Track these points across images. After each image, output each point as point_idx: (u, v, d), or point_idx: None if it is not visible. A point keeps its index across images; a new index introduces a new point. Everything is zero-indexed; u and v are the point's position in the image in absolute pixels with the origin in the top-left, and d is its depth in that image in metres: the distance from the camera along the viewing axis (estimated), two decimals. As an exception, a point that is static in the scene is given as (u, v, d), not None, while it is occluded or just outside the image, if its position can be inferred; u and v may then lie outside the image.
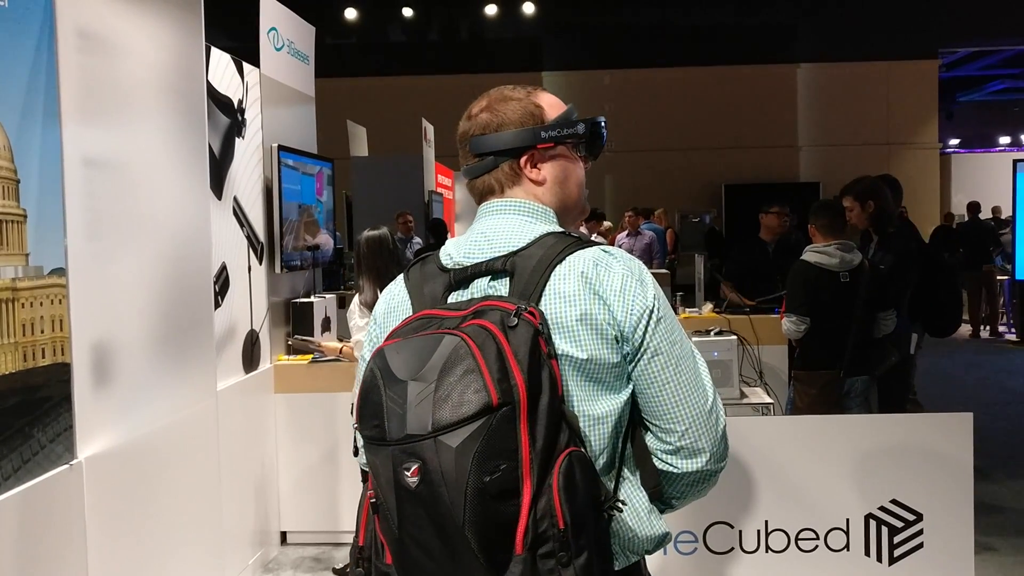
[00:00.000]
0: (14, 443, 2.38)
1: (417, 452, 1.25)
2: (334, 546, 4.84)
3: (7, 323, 2.38)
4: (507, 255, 1.48)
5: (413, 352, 1.32)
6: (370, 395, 1.32)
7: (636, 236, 11.37)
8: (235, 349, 4.34)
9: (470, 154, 1.59)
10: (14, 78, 2.42)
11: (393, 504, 1.28)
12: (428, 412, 1.25)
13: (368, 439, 1.32)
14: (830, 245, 4.32)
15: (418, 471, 1.24)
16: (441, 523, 1.25)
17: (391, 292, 1.61)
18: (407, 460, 1.25)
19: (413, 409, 1.26)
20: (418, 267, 1.58)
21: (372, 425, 1.30)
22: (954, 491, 3.26)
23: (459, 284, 1.50)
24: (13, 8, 2.41)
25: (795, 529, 3.30)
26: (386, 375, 1.31)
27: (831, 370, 4.34)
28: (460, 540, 1.25)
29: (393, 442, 1.27)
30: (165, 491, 3.19)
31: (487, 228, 1.54)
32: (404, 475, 1.25)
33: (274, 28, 4.88)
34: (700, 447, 1.46)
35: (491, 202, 1.58)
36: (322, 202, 5.43)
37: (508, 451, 1.26)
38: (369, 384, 1.32)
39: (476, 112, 1.58)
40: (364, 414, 1.32)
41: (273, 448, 4.79)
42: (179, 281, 3.33)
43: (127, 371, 2.94)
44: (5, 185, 2.38)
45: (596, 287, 1.43)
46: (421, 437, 1.25)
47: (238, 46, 4.80)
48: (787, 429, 3.42)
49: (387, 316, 1.58)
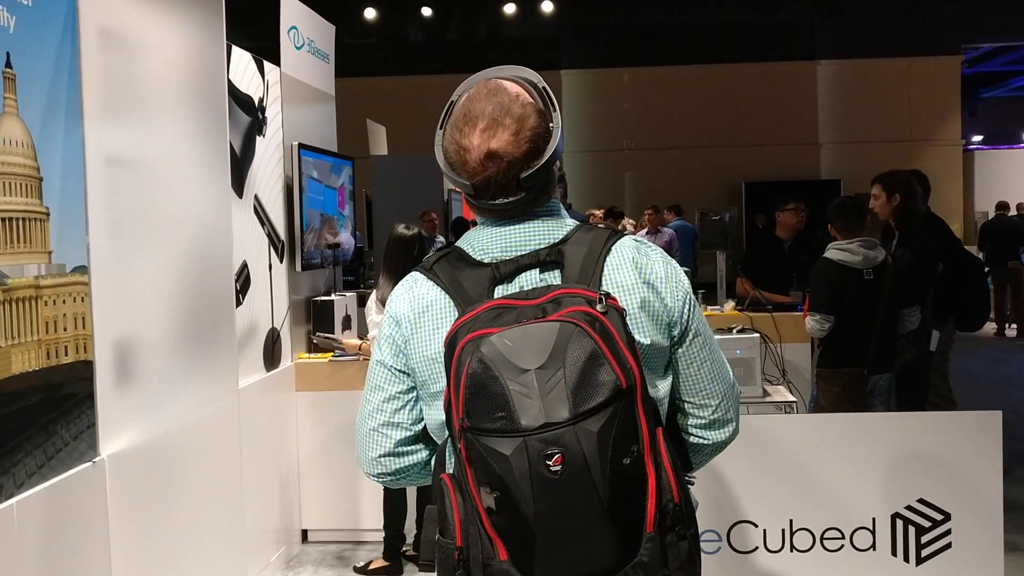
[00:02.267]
0: (38, 440, 2.39)
1: (559, 440, 1.25)
2: (355, 544, 4.84)
3: (30, 321, 2.38)
4: (549, 247, 1.49)
5: (526, 341, 1.30)
6: (487, 387, 1.28)
7: (656, 234, 11.32)
8: (256, 347, 4.34)
9: (515, 188, 1.47)
10: (37, 77, 2.43)
11: (528, 494, 1.25)
12: (564, 399, 1.26)
13: (489, 431, 1.28)
14: (853, 242, 4.28)
15: (561, 459, 1.24)
16: (584, 509, 1.27)
17: (417, 292, 1.54)
18: (548, 448, 1.25)
19: (547, 397, 1.26)
20: (444, 264, 1.53)
21: (496, 417, 1.27)
22: (982, 490, 3.21)
23: (505, 278, 1.47)
24: (37, 8, 2.42)
25: (820, 528, 3.26)
26: (503, 365, 1.28)
27: (855, 368, 4.30)
28: (600, 524, 1.27)
29: (529, 431, 1.25)
30: (187, 488, 3.20)
31: (522, 225, 1.53)
32: (545, 464, 1.24)
33: (294, 27, 4.89)
34: (729, 418, 1.60)
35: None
36: (344, 215, 5.44)
37: (635, 433, 1.30)
38: (482, 376, 1.28)
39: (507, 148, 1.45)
40: (481, 407, 1.28)
41: (294, 446, 4.80)
42: (201, 279, 3.33)
43: (149, 369, 2.95)
44: (28, 183, 2.39)
45: (646, 275, 1.50)
46: (561, 424, 1.25)
47: (259, 45, 4.81)
48: (811, 427, 3.38)
49: (421, 315, 1.52)
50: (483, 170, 1.47)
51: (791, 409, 4.46)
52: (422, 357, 1.51)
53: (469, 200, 1.55)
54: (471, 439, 1.29)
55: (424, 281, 1.54)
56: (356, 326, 5.31)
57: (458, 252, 1.54)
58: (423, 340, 1.51)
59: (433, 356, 1.49)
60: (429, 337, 1.51)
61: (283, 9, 4.77)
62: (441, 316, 1.49)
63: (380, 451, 1.58)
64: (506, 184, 1.47)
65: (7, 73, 2.31)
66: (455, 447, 1.36)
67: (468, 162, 1.47)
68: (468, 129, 1.47)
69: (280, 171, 4.64)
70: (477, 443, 1.28)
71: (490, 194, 1.49)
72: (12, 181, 2.33)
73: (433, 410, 1.52)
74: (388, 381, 1.57)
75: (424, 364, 1.51)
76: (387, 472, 1.60)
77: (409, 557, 4.53)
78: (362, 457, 1.62)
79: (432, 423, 1.55)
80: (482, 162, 1.46)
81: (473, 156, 1.47)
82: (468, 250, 1.54)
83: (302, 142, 4.76)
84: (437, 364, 1.48)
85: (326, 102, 5.46)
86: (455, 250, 1.55)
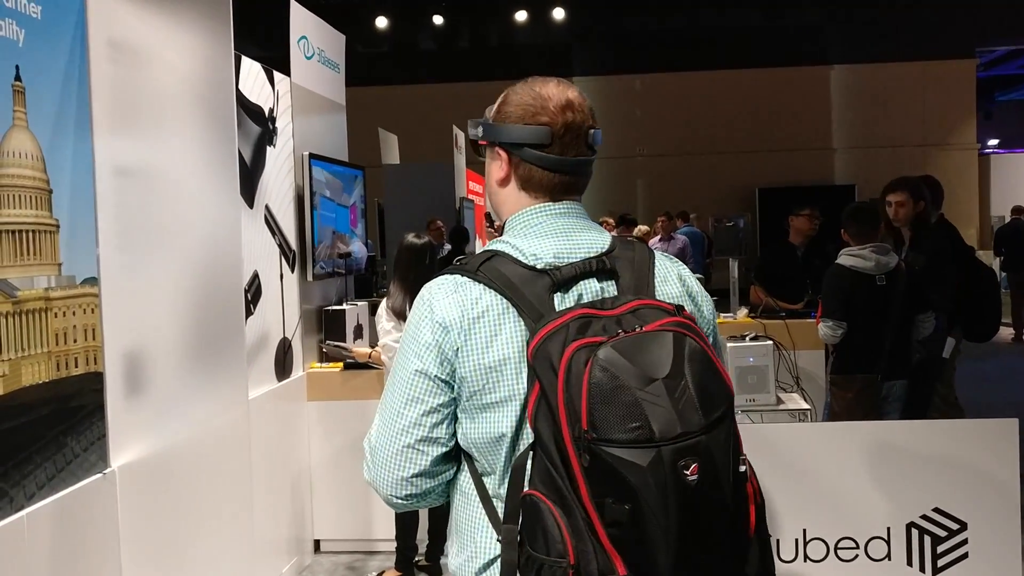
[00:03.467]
0: (48, 452, 2.39)
1: (695, 449, 1.25)
2: (368, 554, 4.84)
3: (40, 332, 2.39)
4: (599, 256, 1.49)
5: (645, 351, 1.29)
6: (617, 396, 1.25)
7: (669, 241, 11.30)
8: (268, 357, 4.35)
9: (584, 145, 1.54)
10: (47, 89, 2.43)
11: (664, 505, 1.23)
12: (695, 408, 1.27)
13: (621, 442, 1.24)
14: (865, 248, 4.25)
15: (697, 468, 1.24)
16: (716, 517, 1.28)
17: (467, 296, 1.46)
18: (683, 458, 1.24)
19: (679, 406, 1.26)
20: (493, 268, 1.46)
21: (631, 428, 1.24)
22: (999, 499, 3.18)
23: (562, 285, 1.46)
24: (46, 19, 2.43)
25: (834, 538, 3.24)
26: (630, 374, 1.26)
27: (869, 374, 4.27)
28: (727, 531, 1.30)
29: (665, 441, 1.24)
30: (198, 499, 3.20)
31: (572, 230, 1.53)
32: (683, 473, 1.24)
33: (304, 37, 4.90)
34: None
35: (571, 203, 1.57)
36: (356, 233, 5.44)
37: (738, 438, 1.34)
38: (611, 386, 1.26)
39: (580, 101, 1.54)
40: (610, 417, 1.25)
41: (306, 456, 4.80)
42: (210, 290, 3.34)
43: (159, 380, 2.95)
44: (38, 195, 2.40)
45: (688, 287, 1.56)
46: (695, 434, 1.26)
47: (269, 55, 4.82)
48: (824, 435, 3.35)
49: (475, 322, 1.44)
50: (563, 115, 1.51)
51: (805, 417, 4.44)
52: (476, 366, 1.44)
53: (536, 158, 1.52)
54: (597, 450, 1.25)
55: (472, 285, 1.46)
56: (368, 335, 5.31)
57: (505, 256, 1.48)
58: (478, 348, 1.43)
59: (490, 365, 1.43)
60: (485, 344, 1.43)
61: (293, 19, 4.79)
62: (498, 322, 1.43)
63: (414, 470, 1.48)
64: (579, 136, 1.53)
65: (16, 86, 2.31)
66: (556, 460, 1.31)
67: (548, 107, 1.51)
68: (541, 84, 1.54)
69: (291, 181, 4.65)
70: (604, 454, 1.24)
71: (564, 147, 1.52)
72: (22, 193, 2.34)
73: (479, 423, 1.46)
74: (430, 392, 1.46)
75: (479, 373, 1.44)
76: (415, 494, 1.50)
77: (421, 567, 4.52)
78: (386, 478, 1.49)
79: (478, 437, 1.46)
80: (562, 108, 1.51)
81: (553, 102, 1.51)
82: (516, 254, 1.48)
83: (313, 152, 4.77)
84: (495, 373, 1.43)
85: (337, 112, 5.47)
86: (499, 253, 1.49)
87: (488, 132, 1.57)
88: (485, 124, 1.57)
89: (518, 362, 1.42)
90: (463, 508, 1.52)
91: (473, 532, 1.50)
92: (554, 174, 1.53)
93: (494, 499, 1.47)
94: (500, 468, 1.46)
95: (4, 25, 2.26)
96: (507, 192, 1.58)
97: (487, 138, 1.57)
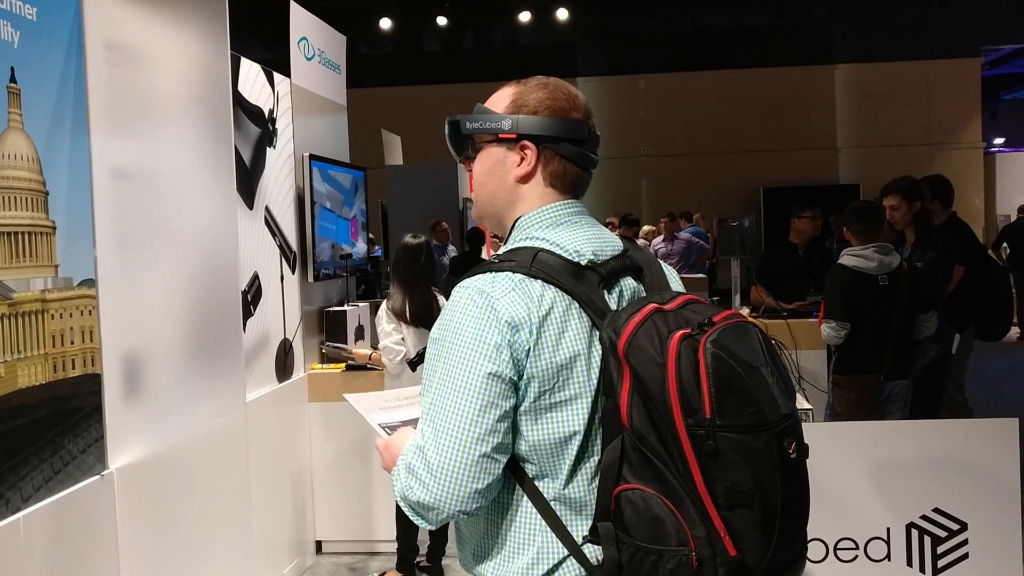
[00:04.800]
0: (45, 454, 2.39)
1: (793, 429, 1.37)
2: (369, 555, 4.84)
3: (37, 334, 2.39)
4: (624, 254, 1.55)
5: (740, 340, 1.36)
6: (733, 383, 1.31)
7: (672, 240, 11.30)
8: (268, 358, 4.35)
9: (597, 145, 1.61)
10: (43, 91, 2.44)
11: (778, 482, 1.32)
12: (784, 393, 1.39)
13: (742, 427, 1.30)
14: (868, 248, 4.24)
15: (795, 446, 1.36)
16: (806, 490, 1.41)
17: (530, 293, 1.41)
18: (786, 437, 1.34)
19: (776, 391, 1.36)
20: (549, 264, 1.44)
21: (748, 413, 1.31)
22: (999, 499, 3.17)
23: (607, 280, 1.48)
24: (42, 20, 2.43)
25: (834, 539, 3.23)
26: (740, 363, 1.33)
27: (871, 374, 4.25)
28: (807, 501, 1.42)
29: (774, 424, 1.33)
30: (197, 501, 3.20)
31: (594, 228, 1.56)
32: (788, 453, 1.34)
33: (304, 38, 4.90)
34: None
35: (581, 203, 1.60)
36: (356, 245, 5.43)
37: None
38: (729, 373, 1.31)
39: (584, 100, 1.58)
40: (730, 403, 1.30)
41: (307, 457, 4.80)
42: (208, 291, 3.34)
43: (157, 382, 2.95)
44: (34, 197, 2.40)
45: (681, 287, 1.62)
46: (790, 416, 1.37)
47: (270, 57, 4.83)
48: (825, 435, 3.35)
49: (545, 319, 1.40)
50: (590, 114, 1.58)
51: (806, 417, 4.41)
52: (548, 364, 1.40)
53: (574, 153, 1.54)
54: (720, 436, 1.29)
55: (531, 281, 1.42)
56: (369, 336, 5.31)
57: (547, 251, 1.46)
58: (550, 345, 1.40)
59: (561, 363, 1.41)
60: (556, 342, 1.40)
61: (293, 20, 4.79)
62: (564, 318, 1.42)
63: (489, 480, 1.41)
64: (597, 136, 1.59)
65: (12, 88, 2.32)
66: (660, 451, 1.33)
67: (578, 105, 1.56)
68: (556, 82, 1.58)
69: (291, 182, 4.65)
70: (728, 440, 1.30)
71: (591, 145, 1.58)
72: (17, 195, 2.34)
73: (544, 423, 1.42)
74: (504, 396, 1.40)
75: (551, 372, 1.40)
76: (481, 506, 1.43)
77: (423, 568, 4.52)
78: (455, 494, 1.39)
79: (542, 438, 1.43)
80: (586, 107, 1.57)
81: (580, 100, 1.56)
82: (557, 250, 1.47)
83: (313, 153, 4.77)
84: (566, 371, 1.41)
85: (337, 113, 5.47)
86: (541, 250, 1.46)
87: (524, 125, 1.53)
88: (518, 118, 1.53)
89: (587, 358, 1.43)
90: (508, 518, 1.47)
91: (529, 539, 1.46)
92: (582, 170, 1.57)
93: (553, 502, 1.44)
94: (566, 469, 1.44)
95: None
96: (528, 189, 1.56)
97: (522, 131, 1.53)
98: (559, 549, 1.44)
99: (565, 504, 1.44)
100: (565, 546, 1.43)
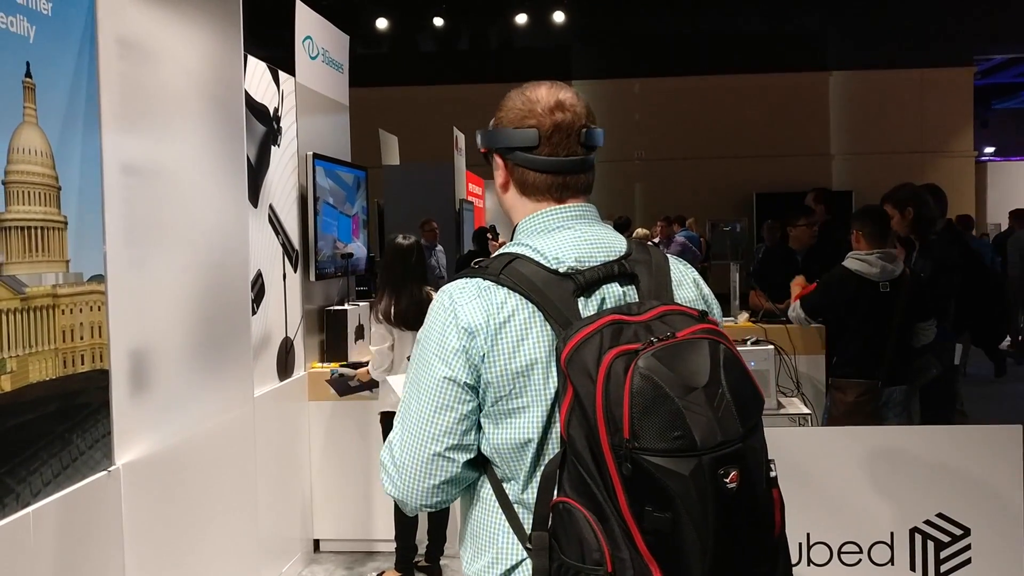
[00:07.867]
0: (53, 449, 2.39)
1: (735, 457, 1.26)
2: (367, 554, 4.83)
3: (47, 329, 2.38)
4: (619, 260, 1.49)
5: (682, 358, 1.29)
6: (659, 405, 1.25)
7: (668, 245, 11.33)
8: (270, 356, 4.34)
9: (577, 144, 1.54)
10: (56, 86, 2.43)
11: (704, 512, 1.24)
12: (733, 416, 1.28)
13: (665, 452, 1.24)
14: (872, 254, 4.25)
15: (737, 476, 1.25)
16: (753, 521, 1.30)
17: (492, 300, 1.44)
18: (724, 466, 1.25)
19: (719, 414, 1.27)
20: (515, 271, 1.45)
21: (673, 437, 1.24)
22: (1002, 505, 3.18)
23: (585, 289, 1.45)
24: (56, 17, 2.42)
25: (837, 543, 3.24)
26: (670, 383, 1.26)
27: (869, 379, 4.27)
28: (761, 533, 1.32)
29: (706, 450, 1.24)
30: (202, 497, 3.19)
31: (589, 233, 1.53)
32: (723, 481, 1.25)
33: (309, 37, 4.90)
34: None
35: (582, 205, 1.58)
36: (357, 242, 5.43)
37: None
38: (653, 394, 1.25)
39: (573, 102, 1.54)
40: (653, 426, 1.25)
41: (307, 456, 4.79)
42: (217, 288, 3.33)
43: (165, 378, 2.94)
44: (47, 192, 2.39)
45: (701, 290, 1.57)
46: (735, 442, 1.27)
47: (274, 55, 4.82)
48: (828, 440, 3.36)
49: (502, 326, 1.43)
50: (551, 116, 1.52)
51: (805, 421, 4.43)
52: (503, 371, 1.42)
53: (526, 161, 1.54)
54: (638, 459, 1.24)
55: (496, 289, 1.44)
56: (368, 336, 5.30)
57: (526, 259, 1.46)
58: (505, 353, 1.42)
59: (517, 370, 1.42)
60: (512, 350, 1.42)
61: (298, 19, 4.79)
62: (524, 327, 1.42)
63: (444, 477, 1.46)
64: (570, 135, 1.53)
65: (27, 83, 2.31)
66: (591, 468, 1.29)
67: (536, 110, 1.53)
68: (533, 88, 1.56)
69: (295, 181, 4.65)
70: (645, 463, 1.24)
71: (554, 147, 1.53)
72: (31, 190, 2.33)
73: (504, 428, 1.44)
74: (460, 400, 1.44)
75: (505, 379, 1.42)
76: (444, 500, 1.50)
77: (421, 568, 4.51)
78: (414, 488, 1.48)
79: (502, 442, 1.45)
80: (551, 109, 1.52)
81: (542, 104, 1.53)
82: (536, 257, 1.47)
83: (316, 152, 4.77)
84: (522, 378, 1.42)
85: (340, 112, 5.47)
86: (520, 256, 1.47)
87: (484, 139, 1.61)
88: (483, 132, 1.61)
89: (545, 367, 1.42)
90: (481, 514, 1.51)
91: (492, 538, 1.49)
92: (545, 175, 1.55)
93: (515, 505, 1.46)
94: (524, 474, 1.45)
95: (15, 21, 2.25)
96: (510, 198, 1.61)
97: (485, 145, 1.61)
98: (519, 551, 1.45)
99: (526, 508, 1.45)
100: (524, 549, 1.44)
